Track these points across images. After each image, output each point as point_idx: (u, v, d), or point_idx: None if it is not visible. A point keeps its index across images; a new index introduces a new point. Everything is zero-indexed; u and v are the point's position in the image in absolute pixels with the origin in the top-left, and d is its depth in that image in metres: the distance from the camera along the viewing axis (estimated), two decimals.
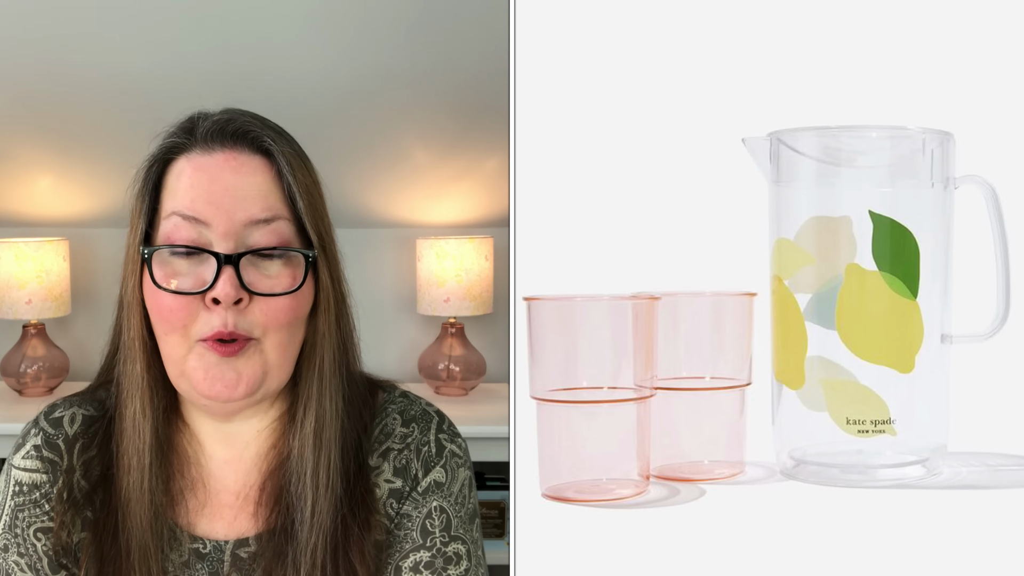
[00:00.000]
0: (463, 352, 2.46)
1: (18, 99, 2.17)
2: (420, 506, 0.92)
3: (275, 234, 0.86)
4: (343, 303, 0.92)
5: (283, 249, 0.86)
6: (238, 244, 0.85)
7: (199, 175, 0.85)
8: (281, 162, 0.87)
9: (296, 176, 0.87)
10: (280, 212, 0.87)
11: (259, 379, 0.86)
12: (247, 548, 0.92)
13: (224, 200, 0.85)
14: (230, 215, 0.84)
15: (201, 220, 0.84)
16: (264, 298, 0.85)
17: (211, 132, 0.87)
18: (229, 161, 0.86)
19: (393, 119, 2.26)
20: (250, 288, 0.84)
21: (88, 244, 2.51)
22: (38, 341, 2.39)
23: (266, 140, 0.87)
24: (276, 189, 0.87)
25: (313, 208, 0.88)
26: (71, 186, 2.42)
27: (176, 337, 0.85)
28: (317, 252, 0.88)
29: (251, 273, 0.85)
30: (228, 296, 0.83)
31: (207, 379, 0.85)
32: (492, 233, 2.55)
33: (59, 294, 2.37)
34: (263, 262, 0.86)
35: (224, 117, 0.88)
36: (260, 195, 0.86)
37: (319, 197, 0.90)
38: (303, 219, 0.88)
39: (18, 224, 2.51)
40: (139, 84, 2.11)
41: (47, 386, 2.38)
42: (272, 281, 0.86)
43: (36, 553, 0.90)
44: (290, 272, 0.87)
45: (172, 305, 0.84)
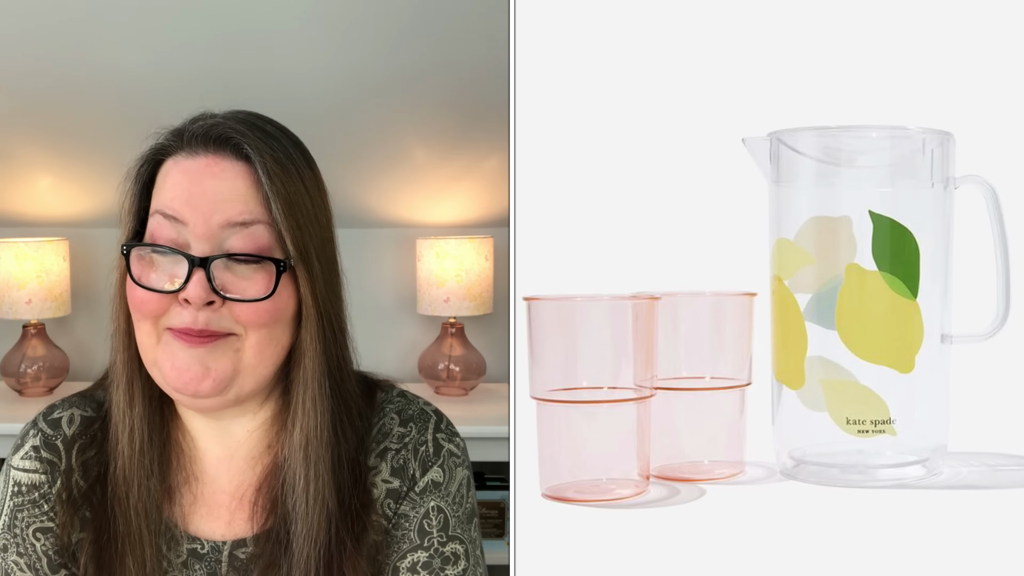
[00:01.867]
0: (463, 352, 2.46)
1: (18, 99, 2.18)
2: (418, 506, 0.92)
3: (252, 239, 0.86)
4: (325, 316, 0.90)
5: (254, 256, 0.86)
6: (215, 247, 0.85)
7: (182, 177, 0.87)
8: (259, 169, 0.86)
9: (275, 183, 0.86)
10: (259, 217, 0.86)
11: (228, 376, 0.86)
12: (244, 549, 0.92)
13: (202, 202, 0.85)
14: (207, 217, 0.85)
15: (180, 220, 0.85)
16: (237, 302, 0.85)
17: (196, 136, 0.88)
18: (211, 166, 0.87)
19: (393, 119, 2.26)
20: (222, 292, 0.85)
21: (88, 244, 2.51)
22: (38, 341, 2.39)
23: (246, 147, 0.87)
24: (256, 194, 0.87)
25: (293, 216, 0.87)
26: (71, 186, 2.42)
27: (147, 325, 0.86)
28: (295, 261, 0.87)
29: (225, 276, 0.85)
30: (198, 298, 0.84)
31: (174, 370, 0.85)
32: (492, 233, 2.55)
33: (59, 294, 2.37)
34: (238, 266, 0.86)
35: (211, 122, 0.89)
36: (239, 199, 0.86)
37: (309, 207, 0.89)
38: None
39: (18, 224, 2.51)
40: (139, 84, 2.11)
41: (47, 386, 2.38)
42: (246, 283, 0.86)
43: (35, 553, 0.91)
44: (264, 278, 0.86)
45: (145, 298, 0.86)
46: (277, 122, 0.92)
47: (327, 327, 0.90)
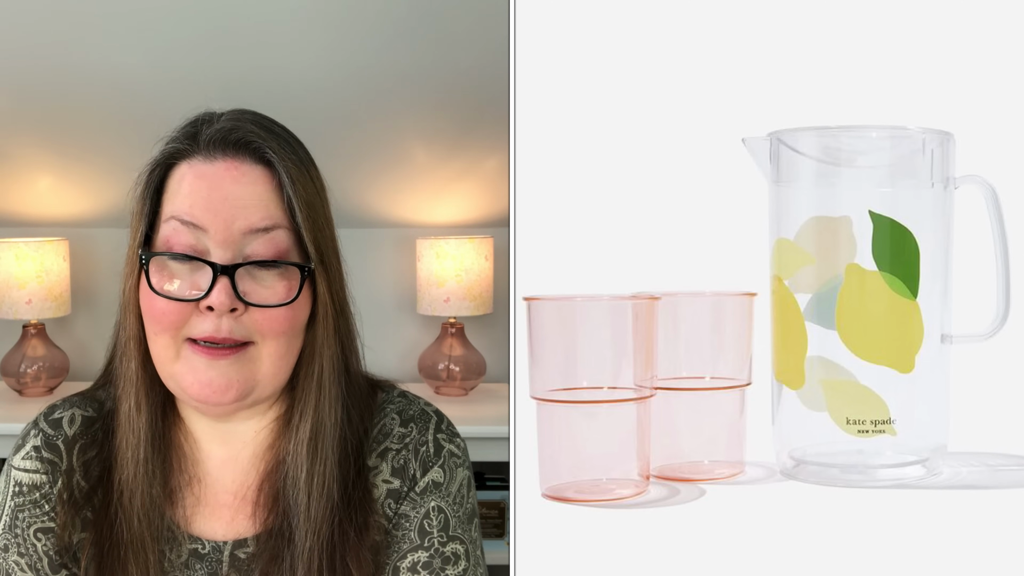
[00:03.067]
0: (463, 352, 2.46)
1: (18, 99, 2.18)
2: (418, 506, 0.92)
3: (273, 244, 0.86)
4: (342, 315, 0.91)
5: (280, 262, 0.86)
6: (236, 253, 0.85)
7: (200, 182, 0.86)
8: (282, 174, 0.86)
9: (296, 188, 0.86)
10: (279, 222, 0.86)
11: (250, 386, 0.87)
12: (245, 549, 0.92)
13: (223, 208, 0.85)
14: (228, 223, 0.84)
15: (199, 226, 0.85)
16: (259, 308, 0.85)
17: (214, 140, 0.87)
18: (230, 170, 0.86)
19: (393, 119, 2.26)
20: (245, 298, 0.85)
21: (88, 244, 2.50)
22: (38, 341, 2.39)
23: (268, 151, 0.86)
24: (276, 199, 0.87)
25: (313, 220, 0.88)
26: (71, 186, 2.42)
27: (166, 338, 0.86)
28: (315, 264, 0.88)
29: (247, 283, 0.85)
30: (223, 305, 0.84)
31: (196, 383, 0.85)
32: (492, 233, 2.55)
33: (59, 294, 2.37)
34: (260, 272, 0.86)
35: (228, 125, 0.88)
36: (260, 204, 0.86)
37: (321, 208, 0.90)
38: (302, 231, 0.87)
39: (18, 224, 2.51)
40: (139, 84, 2.11)
41: (47, 386, 2.38)
42: (268, 292, 0.86)
43: (36, 553, 0.91)
44: (286, 283, 0.87)
45: (165, 308, 0.85)
46: (279, 123, 0.92)
47: (343, 326, 0.91)
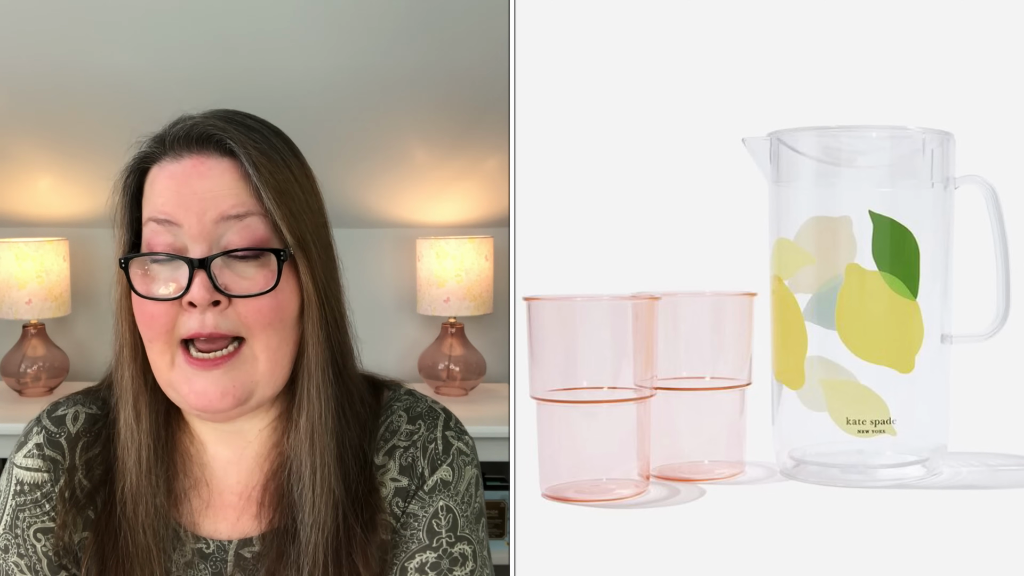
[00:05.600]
0: (463, 352, 2.46)
1: (18, 99, 2.18)
2: (427, 505, 0.92)
3: (248, 231, 0.86)
4: (329, 302, 0.90)
5: (254, 250, 0.85)
6: (212, 245, 0.85)
7: (170, 181, 0.86)
8: (244, 161, 0.86)
9: (262, 173, 0.86)
10: (252, 209, 0.86)
11: (248, 390, 0.86)
12: (251, 548, 0.92)
13: (193, 202, 0.85)
14: (200, 216, 0.85)
15: (174, 222, 0.85)
16: (243, 299, 0.85)
17: (178, 138, 0.87)
18: (197, 166, 0.86)
19: (393, 119, 2.26)
20: (225, 290, 0.84)
21: (88, 244, 2.51)
22: (38, 341, 2.40)
23: (229, 141, 0.86)
24: (247, 187, 0.86)
25: (286, 205, 0.87)
26: (71, 186, 2.42)
27: (160, 345, 0.86)
28: (293, 250, 0.87)
29: (226, 275, 0.85)
30: (203, 299, 0.83)
31: (192, 393, 0.85)
32: (492, 233, 2.55)
33: (59, 294, 2.37)
34: (238, 264, 0.86)
35: (191, 122, 0.88)
36: (230, 193, 0.86)
37: (300, 195, 0.89)
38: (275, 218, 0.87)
39: (18, 224, 2.51)
40: (139, 84, 2.11)
41: (47, 386, 2.38)
42: (248, 282, 0.86)
43: (36, 554, 0.90)
44: (265, 272, 0.86)
45: (154, 311, 0.85)
46: (257, 116, 0.92)
47: (328, 314, 0.90)
